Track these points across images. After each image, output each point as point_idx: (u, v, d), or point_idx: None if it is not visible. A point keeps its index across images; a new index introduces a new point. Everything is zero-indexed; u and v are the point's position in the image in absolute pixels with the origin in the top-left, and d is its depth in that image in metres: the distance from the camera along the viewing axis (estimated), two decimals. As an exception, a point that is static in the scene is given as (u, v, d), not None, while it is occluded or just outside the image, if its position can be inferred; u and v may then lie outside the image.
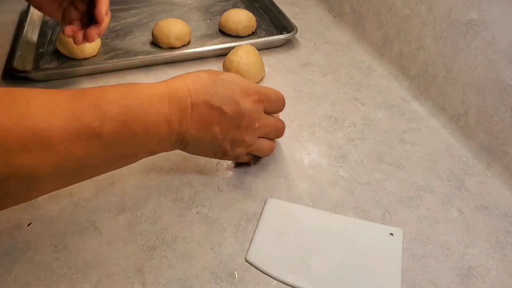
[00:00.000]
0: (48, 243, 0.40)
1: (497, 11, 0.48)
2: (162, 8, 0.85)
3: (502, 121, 0.49)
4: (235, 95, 0.40)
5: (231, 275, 0.38)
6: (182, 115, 0.37)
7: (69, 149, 0.30)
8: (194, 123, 0.38)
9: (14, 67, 0.60)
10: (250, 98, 0.41)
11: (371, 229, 0.42)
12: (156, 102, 0.35)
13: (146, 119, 0.35)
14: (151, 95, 0.35)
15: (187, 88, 0.38)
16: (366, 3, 0.73)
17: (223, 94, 0.39)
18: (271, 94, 0.43)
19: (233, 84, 0.40)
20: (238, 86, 0.40)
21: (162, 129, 0.36)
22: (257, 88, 0.42)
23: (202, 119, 0.38)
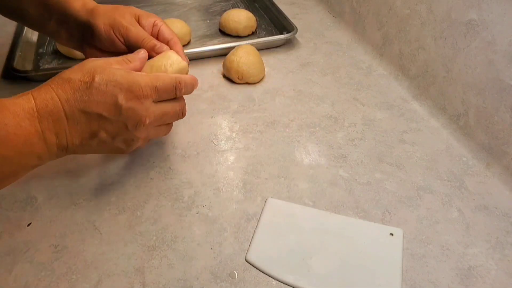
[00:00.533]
0: (48, 243, 0.40)
1: (497, 11, 0.48)
2: (162, 8, 0.85)
3: (502, 121, 0.49)
4: (114, 97, 0.35)
5: (231, 275, 0.38)
6: (58, 129, 0.34)
7: None
8: (74, 133, 0.35)
9: (14, 67, 0.60)
10: (132, 95, 0.36)
11: (371, 229, 0.42)
12: (23, 120, 0.32)
13: (15, 141, 0.32)
14: (16, 113, 0.32)
15: (57, 99, 0.34)
16: (366, 3, 0.73)
17: (99, 100, 0.35)
18: (158, 84, 0.38)
19: (109, 85, 0.35)
20: (117, 86, 0.36)
21: (38, 147, 0.34)
22: (140, 83, 0.37)
23: (82, 128, 0.35)
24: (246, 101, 0.60)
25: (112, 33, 0.44)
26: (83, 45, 0.47)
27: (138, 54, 0.42)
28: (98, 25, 0.44)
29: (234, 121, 0.56)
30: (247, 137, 0.53)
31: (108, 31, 0.44)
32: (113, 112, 0.36)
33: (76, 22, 0.45)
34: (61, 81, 0.35)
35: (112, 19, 0.44)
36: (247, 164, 0.49)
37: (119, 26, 0.44)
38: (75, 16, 0.45)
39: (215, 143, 0.52)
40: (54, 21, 0.46)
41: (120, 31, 0.44)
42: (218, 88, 0.62)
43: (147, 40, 0.44)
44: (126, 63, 0.40)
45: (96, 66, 0.37)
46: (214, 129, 0.54)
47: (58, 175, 0.47)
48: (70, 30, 0.46)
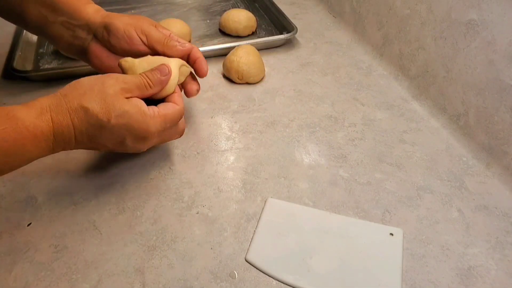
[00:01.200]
0: (48, 243, 0.40)
1: (497, 11, 0.48)
2: (162, 8, 0.85)
3: (502, 121, 0.49)
4: (123, 138, 0.38)
5: (231, 275, 0.38)
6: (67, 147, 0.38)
7: None
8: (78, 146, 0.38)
9: (14, 67, 0.60)
10: (141, 139, 0.39)
11: (371, 229, 0.42)
12: (41, 141, 0.35)
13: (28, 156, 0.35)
14: (36, 135, 0.34)
15: (72, 128, 0.36)
16: (366, 3, 0.73)
17: (109, 137, 0.38)
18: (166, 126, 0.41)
19: (123, 129, 0.37)
20: (129, 130, 0.38)
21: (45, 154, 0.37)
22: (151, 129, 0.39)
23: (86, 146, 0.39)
24: (246, 101, 0.60)
25: (133, 32, 0.45)
26: (90, 46, 0.47)
27: (160, 77, 0.42)
28: (117, 24, 0.45)
29: (234, 121, 0.56)
30: (247, 137, 0.53)
31: (129, 30, 0.45)
32: (118, 146, 0.39)
33: (87, 25, 0.46)
34: (79, 109, 0.36)
35: (132, 21, 0.46)
36: (247, 164, 0.49)
37: (142, 27, 0.46)
38: (87, 19, 0.46)
39: (215, 143, 0.52)
40: (59, 23, 0.46)
41: (143, 31, 0.46)
42: (218, 88, 0.62)
43: (168, 40, 0.47)
44: (146, 89, 0.41)
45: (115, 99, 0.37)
46: (214, 129, 0.54)
47: (58, 175, 0.47)
48: (77, 33, 0.47)
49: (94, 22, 0.46)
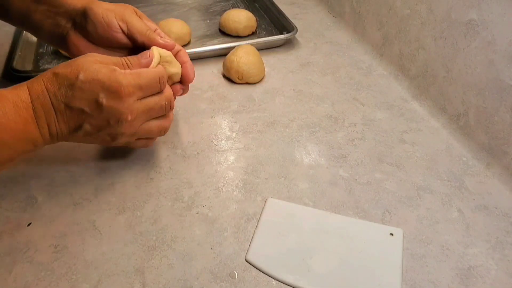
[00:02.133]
0: (48, 243, 0.40)
1: (497, 11, 0.48)
2: (162, 8, 0.85)
3: (502, 121, 0.49)
4: (95, 96, 0.37)
5: (231, 275, 0.38)
6: (49, 118, 0.37)
7: None
8: (62, 124, 0.37)
9: (14, 67, 0.60)
10: (114, 94, 0.37)
11: (371, 229, 0.42)
12: (21, 109, 0.35)
13: (14, 127, 0.35)
14: (15, 102, 0.35)
15: (46, 92, 0.36)
16: (366, 3, 0.73)
17: (82, 96, 0.37)
18: (141, 82, 0.39)
19: (93, 84, 0.37)
20: (99, 85, 0.37)
21: (34, 133, 0.36)
22: (122, 82, 0.38)
23: (68, 119, 0.38)
24: (246, 101, 0.60)
25: (113, 18, 0.44)
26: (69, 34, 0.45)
27: (141, 59, 0.41)
28: (96, 9, 0.43)
29: (234, 121, 0.56)
30: (247, 137, 0.53)
31: (107, 15, 0.43)
32: (94, 109, 0.37)
33: (67, 11, 0.44)
34: (50, 75, 0.37)
35: (114, 8, 0.44)
36: (247, 164, 0.49)
37: (123, 14, 0.44)
38: (67, 5, 0.44)
39: (215, 143, 0.52)
40: (39, 13, 0.45)
41: (123, 18, 0.44)
42: (218, 88, 0.62)
43: (150, 32, 0.45)
44: (123, 67, 0.40)
45: (84, 62, 0.37)
46: (214, 129, 0.54)
47: (58, 175, 0.47)
48: (57, 21, 0.45)
49: (74, 8, 0.44)
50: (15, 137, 0.35)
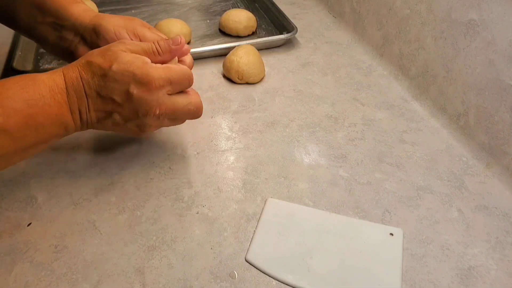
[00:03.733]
0: (48, 243, 0.40)
1: (497, 11, 0.48)
2: (162, 8, 0.85)
3: (502, 121, 0.49)
4: (127, 86, 0.38)
5: (231, 275, 0.38)
6: (81, 104, 0.38)
7: None
8: (92, 111, 0.39)
9: (14, 67, 0.60)
10: (145, 86, 0.38)
11: (371, 229, 0.42)
12: (56, 93, 0.37)
13: (49, 111, 0.36)
14: (51, 86, 0.37)
15: (80, 79, 0.38)
16: (366, 3, 0.73)
17: (113, 86, 0.38)
18: (171, 75, 0.40)
19: (125, 75, 0.38)
20: (131, 76, 0.38)
21: (66, 118, 0.38)
22: (153, 75, 0.39)
23: (98, 107, 0.39)
24: (246, 101, 0.60)
25: (124, 33, 0.44)
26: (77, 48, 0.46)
27: (171, 46, 0.42)
28: (106, 25, 0.44)
29: (234, 121, 0.56)
30: (247, 137, 0.53)
31: (119, 31, 0.44)
32: (124, 99, 0.39)
33: (74, 25, 0.45)
34: (85, 63, 0.39)
35: (123, 22, 0.45)
36: (247, 164, 0.49)
37: (134, 29, 0.45)
38: (74, 19, 0.45)
39: (215, 143, 0.52)
40: (46, 24, 0.45)
41: (135, 33, 0.45)
42: (218, 88, 0.62)
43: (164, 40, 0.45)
44: (154, 55, 0.41)
45: (117, 52, 0.39)
46: (214, 129, 0.54)
47: (58, 175, 0.47)
48: (63, 34, 0.46)
49: (82, 22, 0.45)
50: (49, 120, 0.37)
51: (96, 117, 0.40)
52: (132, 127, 0.41)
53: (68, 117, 0.38)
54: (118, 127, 0.41)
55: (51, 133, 0.38)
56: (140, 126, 0.41)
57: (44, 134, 0.37)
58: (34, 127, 0.36)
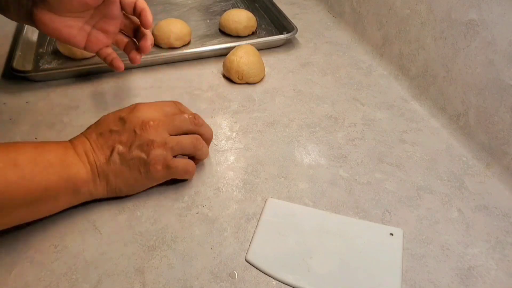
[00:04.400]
0: (48, 243, 0.40)
1: (497, 11, 0.48)
2: (162, 8, 0.85)
3: (502, 121, 0.49)
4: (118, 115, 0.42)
5: (231, 275, 0.38)
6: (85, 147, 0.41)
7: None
8: (96, 150, 0.41)
9: (14, 67, 0.60)
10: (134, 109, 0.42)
11: (371, 229, 0.42)
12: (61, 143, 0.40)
13: (57, 150, 0.39)
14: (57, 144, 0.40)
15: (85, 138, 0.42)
16: (366, 3, 0.73)
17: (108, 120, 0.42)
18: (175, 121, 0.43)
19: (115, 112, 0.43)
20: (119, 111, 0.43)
21: (75, 159, 0.39)
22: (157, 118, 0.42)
23: (100, 143, 0.41)
24: (246, 101, 0.60)
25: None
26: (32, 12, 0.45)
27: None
28: None
29: (234, 121, 0.56)
30: (247, 137, 0.53)
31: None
32: (119, 124, 0.41)
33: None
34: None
35: None
36: (247, 164, 0.49)
37: None
38: None
39: (215, 143, 0.52)
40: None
41: None
42: (218, 88, 0.62)
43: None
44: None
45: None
46: (214, 129, 0.54)
47: (58, 175, 0.46)
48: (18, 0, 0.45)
49: None
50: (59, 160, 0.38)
51: (103, 154, 0.40)
52: (138, 153, 0.41)
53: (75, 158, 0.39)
54: (126, 162, 0.41)
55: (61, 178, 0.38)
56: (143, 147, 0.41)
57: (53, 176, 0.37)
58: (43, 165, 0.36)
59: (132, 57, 0.51)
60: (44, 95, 0.59)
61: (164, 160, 0.41)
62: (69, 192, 0.39)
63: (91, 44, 0.49)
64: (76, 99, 0.59)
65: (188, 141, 0.43)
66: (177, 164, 0.43)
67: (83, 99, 0.59)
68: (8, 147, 0.36)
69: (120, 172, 0.41)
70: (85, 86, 0.61)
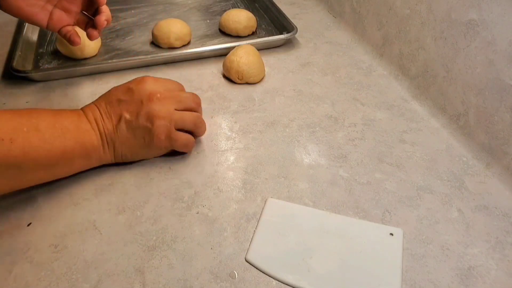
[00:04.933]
0: (48, 243, 0.40)
1: (497, 11, 0.48)
2: (162, 8, 0.85)
3: (502, 121, 0.49)
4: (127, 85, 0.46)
5: (231, 275, 0.38)
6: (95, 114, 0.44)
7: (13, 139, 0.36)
8: (105, 118, 0.44)
9: (14, 67, 0.60)
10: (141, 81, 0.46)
11: (371, 229, 0.42)
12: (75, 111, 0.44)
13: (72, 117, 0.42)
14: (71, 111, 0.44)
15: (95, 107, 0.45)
16: (366, 3, 0.73)
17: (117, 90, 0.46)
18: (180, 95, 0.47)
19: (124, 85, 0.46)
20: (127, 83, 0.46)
21: (87, 126, 0.42)
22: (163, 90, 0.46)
23: (108, 112, 0.44)
24: (246, 101, 0.60)
25: None
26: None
27: None
28: None
29: (234, 121, 0.56)
30: (247, 137, 0.53)
31: None
32: (127, 94, 0.45)
33: None
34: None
35: None
36: (247, 164, 0.49)
37: None
38: None
39: (215, 143, 0.52)
40: None
41: None
42: (218, 88, 0.62)
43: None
44: None
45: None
46: (214, 129, 0.54)
47: (58, 175, 0.46)
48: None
49: None
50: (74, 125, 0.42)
51: (110, 123, 0.43)
52: (144, 122, 0.44)
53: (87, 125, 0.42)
54: (132, 129, 0.44)
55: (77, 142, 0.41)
56: (150, 117, 0.44)
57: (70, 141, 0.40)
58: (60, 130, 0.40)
59: (88, 33, 0.53)
60: (44, 95, 0.59)
61: (168, 131, 0.45)
62: (82, 156, 0.42)
63: (53, 23, 0.51)
64: (76, 99, 0.59)
65: (191, 117, 0.47)
66: (179, 137, 0.46)
67: (83, 99, 0.59)
68: (30, 113, 0.39)
69: (126, 140, 0.44)
70: (85, 86, 0.61)
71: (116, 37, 0.74)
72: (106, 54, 0.69)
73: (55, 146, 0.39)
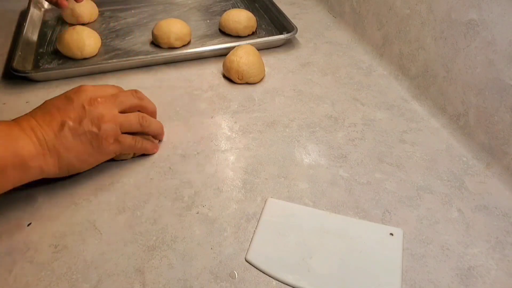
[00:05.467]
0: (48, 243, 0.40)
1: (497, 11, 0.48)
2: (162, 8, 0.85)
3: (502, 121, 0.49)
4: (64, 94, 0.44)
5: (231, 275, 0.38)
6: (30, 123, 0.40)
7: None
8: (43, 125, 0.40)
9: (14, 67, 0.60)
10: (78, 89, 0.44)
11: (371, 229, 0.42)
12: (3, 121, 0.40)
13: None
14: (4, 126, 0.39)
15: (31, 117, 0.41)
16: (366, 3, 0.73)
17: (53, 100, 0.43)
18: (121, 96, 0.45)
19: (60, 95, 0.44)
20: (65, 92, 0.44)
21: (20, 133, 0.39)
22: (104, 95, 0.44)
23: (46, 120, 0.41)
24: (246, 101, 0.60)
25: None
26: None
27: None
28: None
29: (234, 121, 0.56)
30: (247, 137, 0.53)
31: None
32: (66, 102, 0.42)
33: None
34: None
35: None
36: (247, 164, 0.49)
37: None
38: None
39: (215, 143, 0.52)
40: None
41: None
42: (218, 88, 0.62)
43: None
44: None
45: None
46: (214, 129, 0.54)
47: (58, 175, 0.46)
48: None
49: None
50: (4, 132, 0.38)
51: (51, 131, 0.40)
52: (90, 127, 0.42)
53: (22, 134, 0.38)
54: (78, 135, 0.41)
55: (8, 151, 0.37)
56: (94, 121, 0.42)
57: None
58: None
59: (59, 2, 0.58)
60: (44, 95, 0.59)
61: (116, 134, 0.44)
62: (17, 167, 0.38)
63: None
64: (76, 99, 0.59)
65: (135, 118, 0.46)
66: (125, 140, 0.45)
67: (83, 99, 0.59)
68: None
69: (72, 147, 0.41)
70: (85, 86, 0.61)
71: (116, 37, 0.74)
72: (106, 54, 0.69)
73: None
